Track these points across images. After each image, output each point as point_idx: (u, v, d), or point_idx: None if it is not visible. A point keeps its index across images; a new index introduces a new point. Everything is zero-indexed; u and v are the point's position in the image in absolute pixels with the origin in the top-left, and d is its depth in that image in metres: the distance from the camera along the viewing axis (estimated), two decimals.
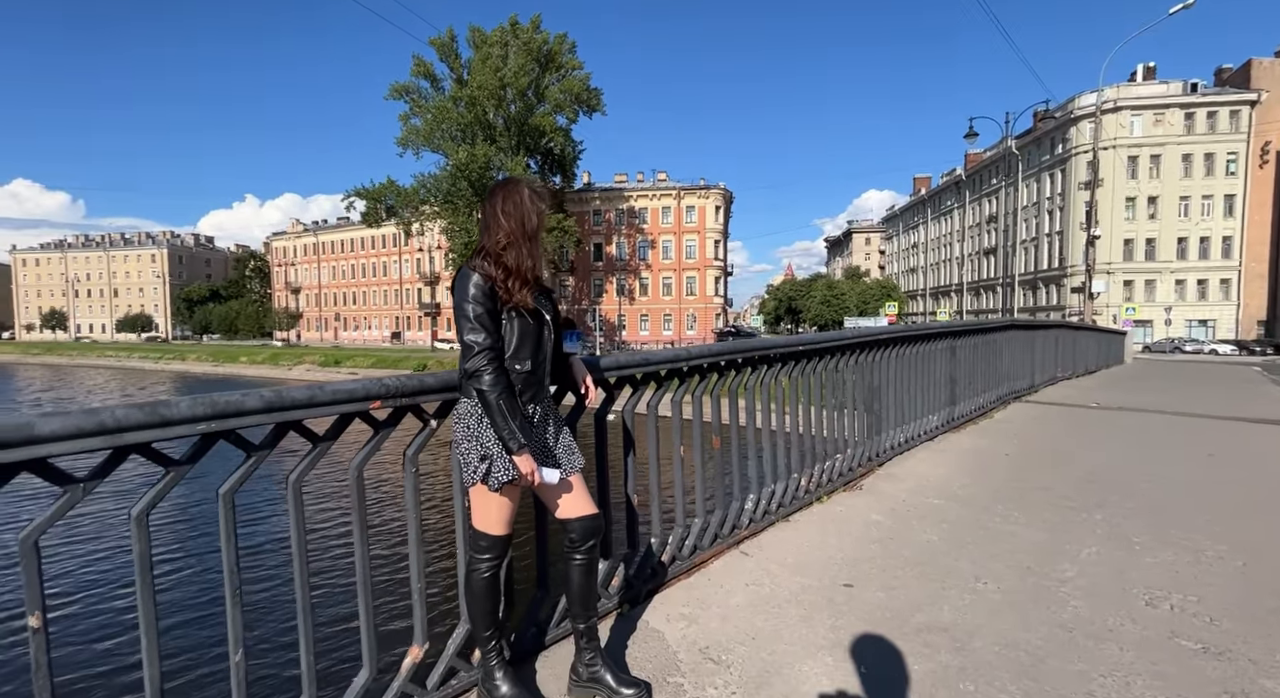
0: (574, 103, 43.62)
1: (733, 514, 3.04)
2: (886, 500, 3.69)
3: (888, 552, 2.94)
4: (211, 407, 1.30)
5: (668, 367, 2.62)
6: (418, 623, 1.79)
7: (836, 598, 2.48)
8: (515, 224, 1.68)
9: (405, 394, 1.66)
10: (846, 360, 3.98)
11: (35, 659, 1.12)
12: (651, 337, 54.42)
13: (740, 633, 2.22)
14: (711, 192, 55.00)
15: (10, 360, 66.42)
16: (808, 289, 68.81)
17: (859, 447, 4.15)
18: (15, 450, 1.07)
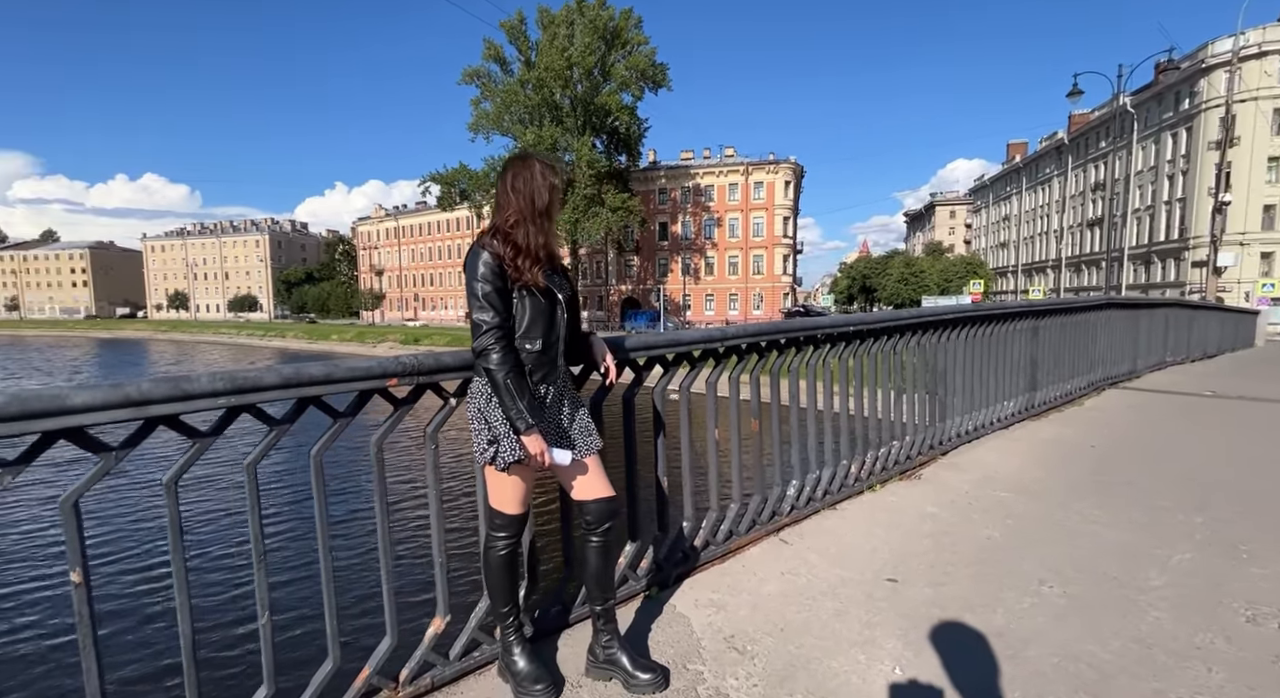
0: (639, 80, 43.10)
1: (773, 500, 2.93)
2: (946, 492, 3.44)
3: (940, 547, 2.74)
4: (231, 382, 1.36)
5: (701, 347, 2.53)
6: (440, 595, 1.84)
7: (877, 593, 2.34)
8: (525, 201, 1.65)
9: (422, 372, 1.68)
10: (906, 342, 3.72)
11: (78, 612, 1.23)
12: (717, 316, 53.73)
13: (769, 623, 2.14)
14: (781, 166, 53.04)
15: (144, 337, 74.93)
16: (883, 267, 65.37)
17: (919, 433, 3.89)
18: (51, 420, 1.16)
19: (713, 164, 54.80)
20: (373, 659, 1.69)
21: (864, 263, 75.69)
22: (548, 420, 1.69)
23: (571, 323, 1.77)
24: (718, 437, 2.61)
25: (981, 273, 53.37)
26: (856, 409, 3.38)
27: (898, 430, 3.73)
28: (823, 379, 3.16)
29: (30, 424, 1.15)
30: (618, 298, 57.93)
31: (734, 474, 2.74)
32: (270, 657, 1.51)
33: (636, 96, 43.90)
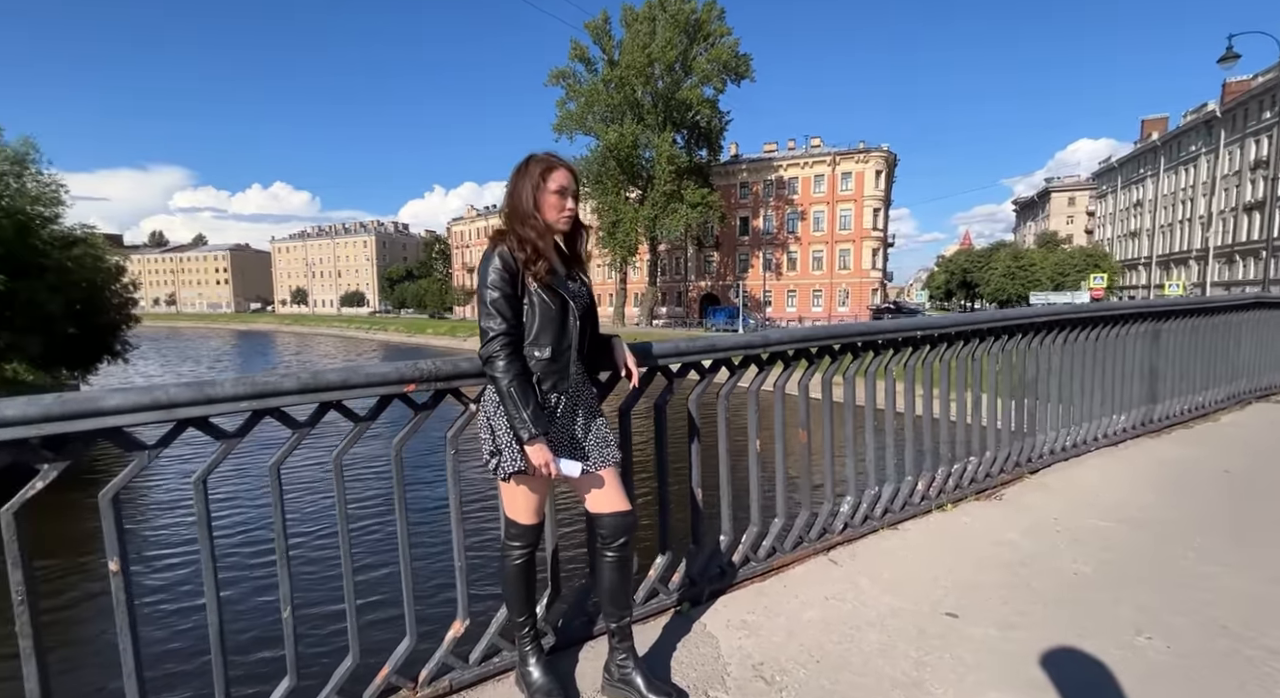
0: (722, 72, 42.47)
1: (824, 516, 2.74)
2: (1030, 516, 3.07)
3: (1015, 580, 2.44)
4: (252, 387, 1.43)
5: (743, 353, 2.39)
6: (460, 599, 1.86)
7: (931, 629, 2.11)
8: (519, 205, 1.61)
9: (440, 378, 1.69)
10: (986, 348, 3.36)
11: (115, 597, 1.34)
12: (799, 313, 51.96)
13: (803, 653, 1.99)
14: (871, 155, 50.24)
15: (272, 329, 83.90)
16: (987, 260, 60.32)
17: (1002, 449, 3.50)
18: (88, 421, 1.27)
19: (797, 155, 52.92)
20: (393, 659, 1.73)
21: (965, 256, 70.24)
22: (559, 430, 1.64)
23: (587, 329, 1.72)
24: (759, 448, 2.46)
25: (1104, 266, 47.93)
26: (926, 420, 3.09)
27: (975, 444, 3.38)
28: (884, 387, 2.91)
29: (73, 424, 1.25)
30: (697, 294, 57.53)
31: (778, 487, 2.58)
32: (293, 649, 1.58)
33: (718, 90, 43.30)
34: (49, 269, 20.98)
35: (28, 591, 1.26)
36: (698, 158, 47.00)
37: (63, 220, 22.85)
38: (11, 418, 1.19)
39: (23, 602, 1.25)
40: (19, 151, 20.95)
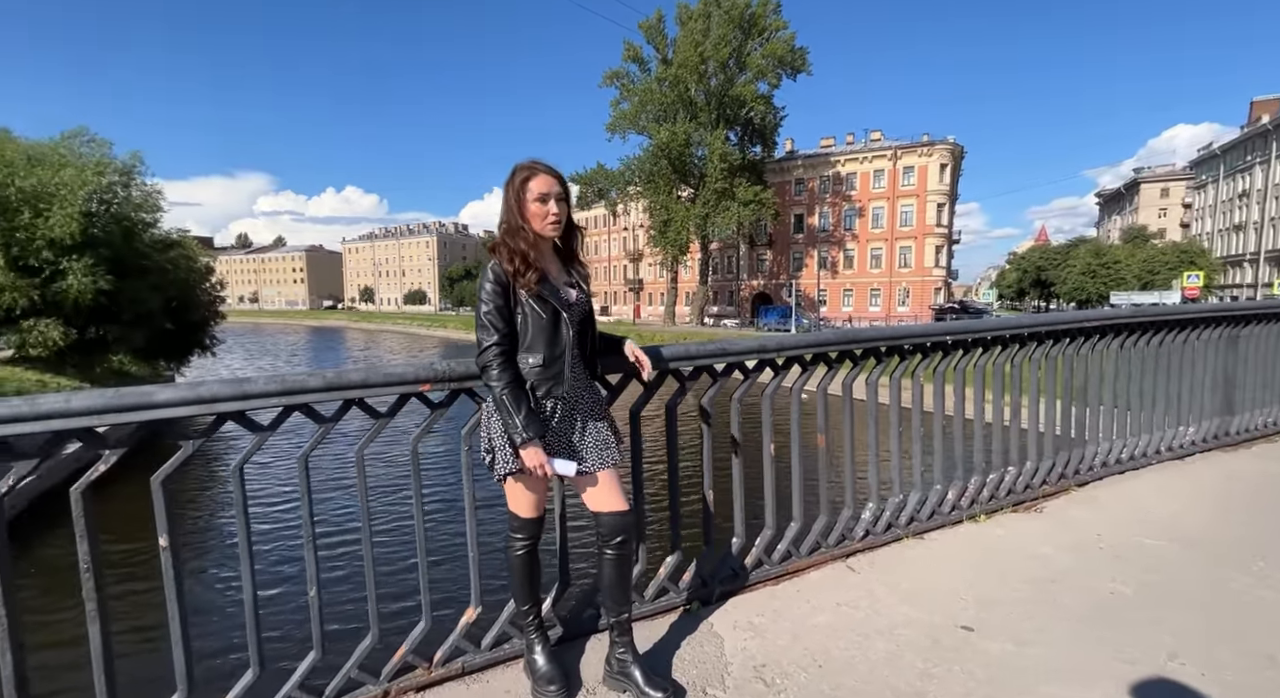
0: (777, 67, 41.71)
1: (843, 523, 2.71)
2: (1071, 531, 2.92)
3: (1044, 596, 2.34)
4: (282, 384, 1.58)
5: (756, 357, 2.40)
6: (473, 587, 1.98)
7: (945, 640, 2.07)
8: (506, 215, 1.68)
9: (453, 379, 1.81)
10: (1028, 353, 3.21)
11: (164, 571, 1.52)
12: (855, 313, 50.35)
13: (807, 657, 1.99)
14: (936, 148, 48.03)
15: (342, 325, 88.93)
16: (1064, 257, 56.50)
17: (1045, 459, 3.34)
18: (142, 412, 1.44)
19: (856, 150, 51.25)
20: (409, 639, 1.86)
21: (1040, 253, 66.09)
22: (556, 433, 1.71)
23: (586, 335, 1.78)
24: (773, 451, 2.46)
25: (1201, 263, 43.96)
26: (958, 426, 3.00)
27: (1014, 453, 3.24)
28: (912, 390, 2.84)
29: (128, 416, 1.43)
30: (749, 293, 56.76)
31: (795, 491, 2.58)
32: (318, 626, 1.73)
33: (773, 85, 42.55)
34: (150, 270, 23.03)
35: (92, 561, 1.45)
36: (751, 155, 46.33)
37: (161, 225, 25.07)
38: (80, 409, 1.37)
39: (89, 570, 1.45)
40: (127, 164, 23.07)
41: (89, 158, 21.47)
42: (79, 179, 20.11)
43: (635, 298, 66.94)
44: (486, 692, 1.86)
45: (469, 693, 1.85)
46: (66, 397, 1.35)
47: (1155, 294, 37.67)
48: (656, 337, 38.83)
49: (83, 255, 19.79)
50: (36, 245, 19.07)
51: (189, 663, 1.57)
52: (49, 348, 20.38)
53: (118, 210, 22.54)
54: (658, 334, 40.68)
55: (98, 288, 19.97)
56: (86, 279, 19.66)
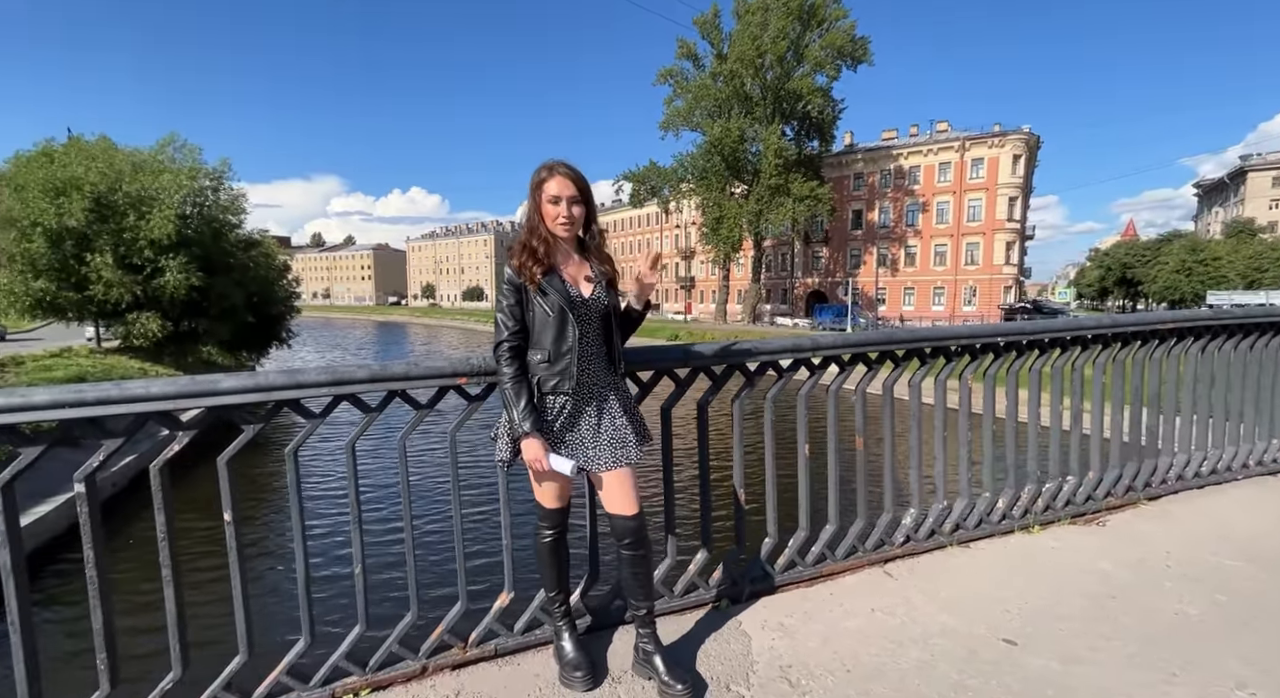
0: (836, 58, 40.50)
1: (881, 527, 2.64)
2: (1137, 547, 2.73)
3: (1100, 613, 2.21)
4: (332, 375, 1.70)
5: (791, 356, 2.38)
6: (507, 574, 2.06)
7: (984, 653, 1.99)
8: (526, 215, 1.76)
9: (489, 373, 1.89)
10: (1093, 356, 3.02)
11: (229, 543, 1.67)
12: (916, 312, 48.33)
13: (835, 661, 1.96)
14: (1009, 139, 45.35)
15: (405, 320, 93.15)
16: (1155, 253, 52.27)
17: (1110, 469, 3.14)
18: (205, 399, 1.59)
19: (920, 143, 49.09)
20: (446, 619, 1.96)
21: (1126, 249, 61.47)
22: (559, 431, 1.74)
23: (608, 331, 1.81)
24: (808, 452, 2.43)
25: None
26: (1010, 431, 2.86)
27: (1075, 462, 3.05)
28: (959, 392, 2.74)
29: (194, 402, 1.58)
30: (803, 291, 55.49)
31: (830, 493, 2.53)
32: (363, 601, 1.86)
33: (832, 77, 41.35)
34: (234, 267, 24.86)
35: (168, 530, 1.61)
36: (808, 149, 45.22)
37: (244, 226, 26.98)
38: (157, 394, 1.53)
39: (165, 538, 1.61)
40: (217, 169, 24.97)
41: (182, 164, 23.33)
42: (175, 183, 21.97)
43: (686, 296, 66.72)
44: (517, 673, 1.93)
45: (500, 674, 1.93)
46: (146, 383, 1.51)
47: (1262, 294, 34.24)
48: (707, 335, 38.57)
49: (178, 254, 21.60)
50: (139, 245, 20.96)
51: (249, 629, 1.72)
52: (149, 339, 22.38)
53: (208, 212, 24.47)
54: (708, 333, 40.42)
55: (190, 284, 21.76)
56: (181, 276, 21.46)
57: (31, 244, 19.75)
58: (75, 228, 19.92)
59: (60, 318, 22.56)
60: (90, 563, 1.49)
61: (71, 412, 1.44)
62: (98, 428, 1.52)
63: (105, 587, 1.54)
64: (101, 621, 1.53)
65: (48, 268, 20.34)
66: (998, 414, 2.82)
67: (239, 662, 1.71)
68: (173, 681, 1.63)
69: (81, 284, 20.88)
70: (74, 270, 20.66)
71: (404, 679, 1.87)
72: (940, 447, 2.74)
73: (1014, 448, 2.88)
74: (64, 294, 20.90)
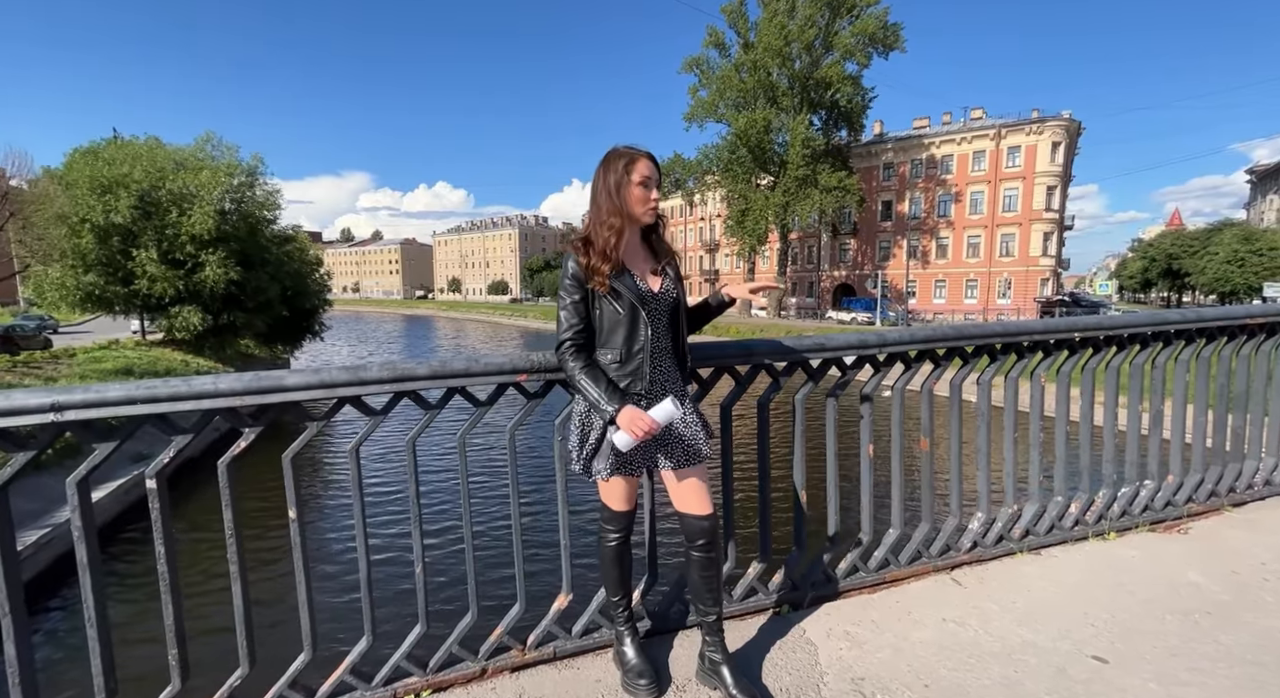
0: (866, 46, 39.54)
1: (947, 532, 2.51)
2: (1227, 558, 2.55)
3: (1194, 630, 2.06)
4: (393, 372, 1.66)
5: (856, 353, 2.27)
6: (565, 575, 2.00)
7: (1072, 670, 1.86)
8: (601, 200, 1.63)
9: (548, 369, 1.82)
10: (1175, 353, 2.83)
11: (293, 541, 1.64)
12: (948, 306, 47.15)
13: (911, 675, 1.86)
14: (1047, 125, 43.72)
15: (432, 314, 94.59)
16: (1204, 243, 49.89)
17: (1192, 474, 2.95)
18: (274, 395, 1.56)
19: (953, 131, 47.66)
20: (505, 621, 1.91)
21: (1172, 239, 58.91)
22: None
23: (676, 327, 1.72)
24: (871, 453, 2.32)
25: None
26: (1085, 433, 2.70)
27: (1154, 466, 2.88)
28: (1030, 391, 2.59)
29: (259, 398, 1.55)
30: (830, 284, 54.60)
31: (894, 496, 2.42)
32: (423, 600, 1.82)
33: (862, 64, 40.40)
34: (269, 262, 25.46)
35: (235, 526, 1.59)
36: (836, 139, 44.33)
37: (279, 221, 27.60)
38: (225, 391, 1.50)
39: (232, 535, 1.59)
40: (251, 165, 25.56)
41: (220, 161, 23.92)
42: (214, 181, 22.55)
43: (711, 289, 66.16)
44: (578, 678, 1.88)
45: (560, 678, 1.88)
46: (214, 379, 1.48)
47: None
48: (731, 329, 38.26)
49: (217, 249, 22.21)
50: (181, 240, 21.61)
51: (314, 628, 1.70)
52: (190, 332, 23.10)
53: (245, 208, 25.10)
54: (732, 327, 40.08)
55: (229, 278, 22.37)
56: (220, 270, 22.07)
57: (81, 240, 20.51)
58: (121, 224, 20.63)
59: (108, 311, 23.42)
60: (161, 560, 1.48)
61: (144, 408, 1.42)
62: (167, 424, 1.50)
63: (176, 583, 1.52)
64: (173, 617, 1.52)
65: (96, 263, 21.11)
66: (1072, 417, 2.66)
67: (303, 660, 1.69)
68: (241, 677, 1.62)
69: (128, 278, 21.64)
70: (120, 265, 21.41)
71: (464, 681, 1.83)
72: (1010, 449, 2.60)
73: (1089, 450, 2.72)
74: (112, 288, 21.67)
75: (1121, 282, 68.93)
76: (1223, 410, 2.96)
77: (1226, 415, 2.98)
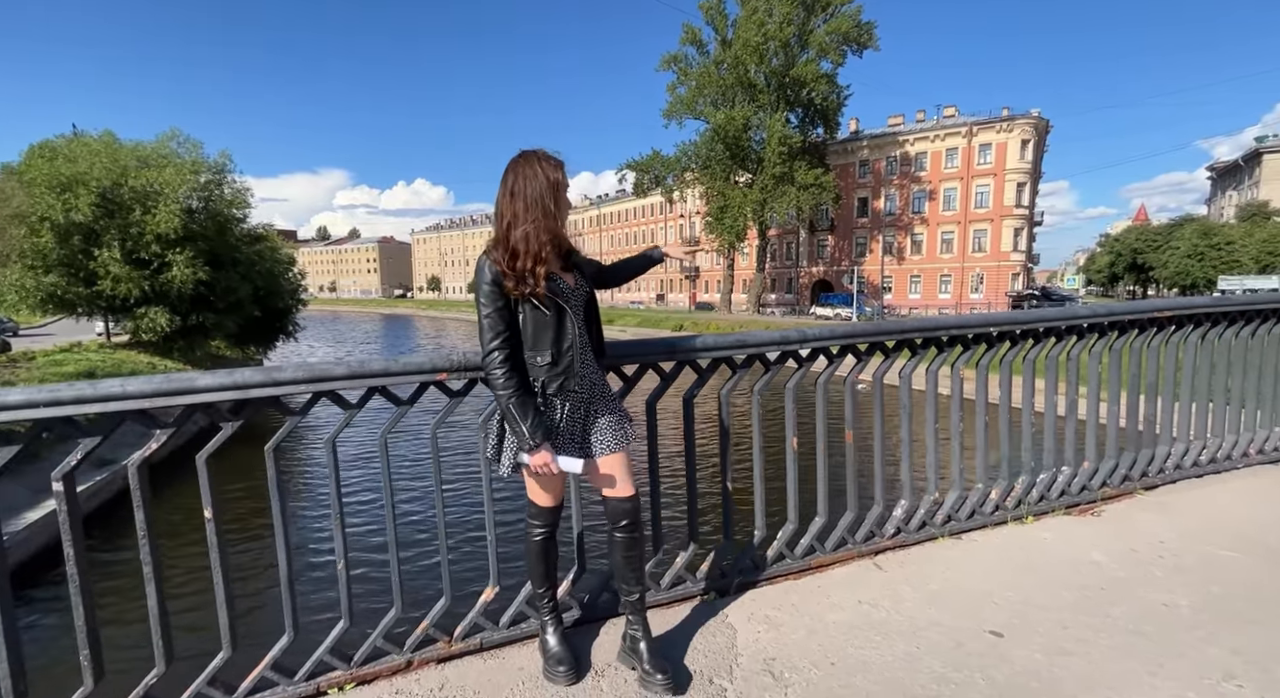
0: (841, 44, 39.92)
1: (871, 519, 2.63)
2: (1130, 537, 2.71)
3: (1088, 605, 2.19)
4: (310, 372, 1.70)
5: (778, 348, 2.36)
6: (492, 568, 2.07)
7: (970, 645, 1.98)
8: (526, 202, 1.61)
9: (470, 368, 1.88)
10: (1089, 345, 2.98)
11: (210, 541, 1.68)
12: (923, 301, 47.96)
13: (820, 654, 1.96)
14: (1017, 123, 44.68)
15: (411, 313, 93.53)
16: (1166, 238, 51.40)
17: (1107, 459, 3.11)
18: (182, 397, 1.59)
19: (927, 128, 48.45)
20: (430, 614, 1.97)
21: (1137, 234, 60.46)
22: (565, 430, 1.72)
23: (591, 325, 1.79)
24: (795, 446, 2.42)
25: None
26: (1004, 422, 2.83)
27: (1070, 453, 3.03)
28: (950, 382, 2.71)
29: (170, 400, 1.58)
30: (808, 281, 55.19)
31: (820, 485, 2.52)
32: (346, 596, 1.86)
33: (837, 62, 40.79)
34: (240, 261, 24.94)
35: (148, 526, 1.62)
36: (813, 136, 44.71)
37: (249, 219, 27.04)
38: (134, 393, 1.54)
39: (144, 535, 1.62)
40: (219, 163, 24.99)
41: (185, 158, 23.35)
42: (179, 178, 22.00)
43: (691, 286, 66.53)
44: (502, 667, 1.94)
45: (485, 667, 1.94)
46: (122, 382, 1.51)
47: (1275, 278, 33.72)
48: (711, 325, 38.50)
49: (184, 248, 21.70)
50: (146, 240, 21.06)
51: (233, 625, 1.74)
52: (158, 333, 22.55)
53: (213, 206, 24.54)
54: (712, 323, 40.33)
55: (197, 278, 21.88)
56: (188, 270, 21.56)
57: (40, 239, 19.90)
58: (82, 223, 20.05)
59: (70, 313, 22.78)
60: (70, 561, 1.51)
61: (46, 411, 1.45)
62: (74, 428, 1.53)
63: (86, 584, 1.55)
64: (84, 617, 1.55)
65: (57, 263, 20.50)
66: (991, 401, 2.80)
67: (223, 658, 1.73)
68: (156, 676, 1.65)
69: (90, 279, 21.05)
70: (82, 265, 20.82)
71: (389, 673, 1.89)
72: (932, 438, 2.72)
73: (1008, 439, 2.86)
74: (73, 289, 21.07)
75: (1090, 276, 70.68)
76: (1135, 399, 3.12)
77: (1139, 403, 3.14)
